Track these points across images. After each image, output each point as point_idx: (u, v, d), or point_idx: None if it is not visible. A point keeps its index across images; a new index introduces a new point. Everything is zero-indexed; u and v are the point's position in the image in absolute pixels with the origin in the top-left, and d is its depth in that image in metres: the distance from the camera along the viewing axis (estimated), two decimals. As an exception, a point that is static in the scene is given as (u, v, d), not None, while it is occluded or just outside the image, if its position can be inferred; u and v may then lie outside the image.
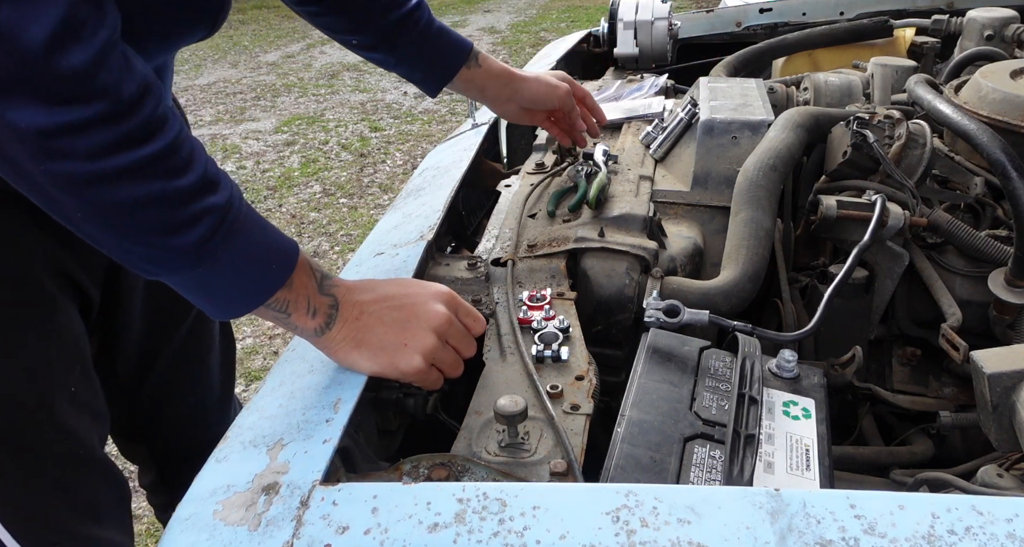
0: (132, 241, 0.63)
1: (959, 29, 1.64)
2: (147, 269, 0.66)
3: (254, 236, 0.68)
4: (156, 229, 0.62)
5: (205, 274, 0.66)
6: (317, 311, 0.72)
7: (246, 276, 0.68)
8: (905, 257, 1.05)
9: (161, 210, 0.62)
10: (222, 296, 0.69)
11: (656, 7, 1.90)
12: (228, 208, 0.65)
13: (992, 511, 0.51)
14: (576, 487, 0.60)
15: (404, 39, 1.09)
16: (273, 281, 0.69)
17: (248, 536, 0.58)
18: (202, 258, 0.64)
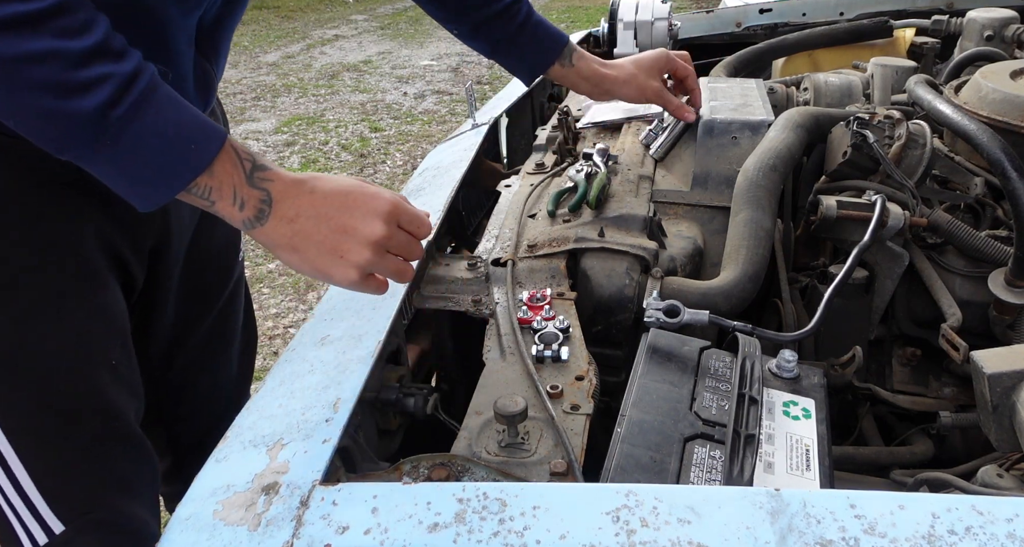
0: (23, 102, 0.61)
1: (959, 29, 1.64)
2: (50, 140, 0.63)
3: (167, 113, 0.64)
4: (48, 89, 0.60)
5: (113, 150, 0.63)
6: (245, 204, 0.69)
7: (159, 155, 0.64)
8: (905, 257, 1.05)
9: (51, 68, 0.60)
10: (137, 179, 0.65)
11: (656, 7, 1.90)
12: (134, 77, 0.62)
13: (992, 511, 0.51)
14: (576, 487, 0.60)
15: (500, 32, 1.14)
16: (191, 163, 0.65)
17: (248, 536, 0.58)
18: (105, 129, 0.62)
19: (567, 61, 1.19)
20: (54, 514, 0.92)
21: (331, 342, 0.84)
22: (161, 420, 1.29)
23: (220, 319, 1.24)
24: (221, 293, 1.23)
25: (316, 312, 0.95)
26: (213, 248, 1.17)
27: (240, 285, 1.29)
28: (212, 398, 1.30)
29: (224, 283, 1.23)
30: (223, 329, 1.26)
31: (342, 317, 0.89)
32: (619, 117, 1.44)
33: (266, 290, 3.19)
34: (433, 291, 0.98)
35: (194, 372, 1.24)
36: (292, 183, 0.71)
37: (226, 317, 1.25)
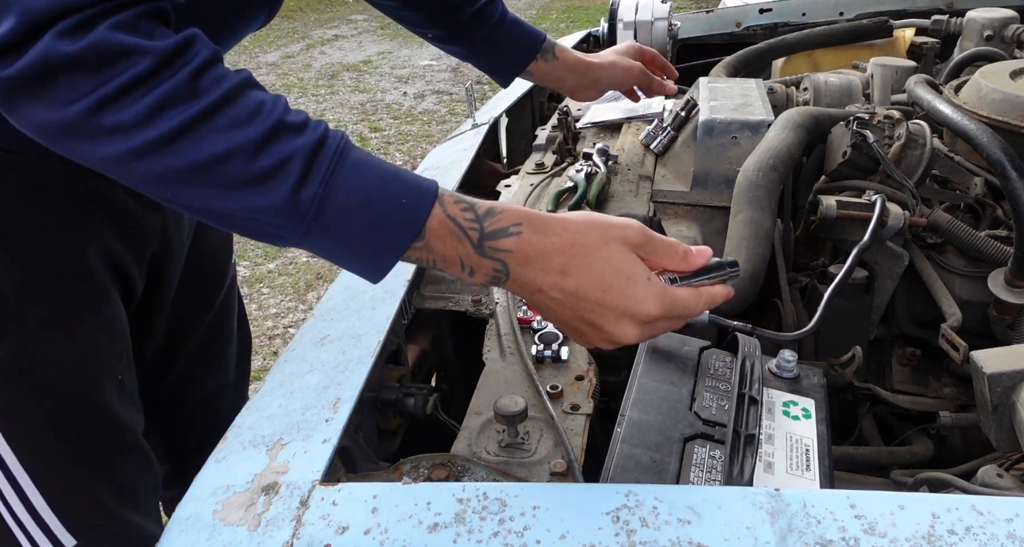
0: (222, 206, 0.57)
1: (959, 29, 1.64)
2: (258, 234, 0.59)
3: (363, 177, 0.58)
4: (234, 187, 0.55)
5: (321, 230, 0.57)
6: (476, 272, 0.61)
7: (370, 224, 0.58)
8: (905, 257, 1.05)
9: (232, 166, 0.55)
10: (357, 253, 0.59)
11: (656, 7, 1.89)
12: (317, 150, 0.56)
13: (992, 511, 0.51)
14: (576, 487, 0.60)
15: (477, 34, 1.14)
16: (406, 226, 0.58)
17: (248, 536, 0.58)
18: (303, 212, 0.56)
19: (550, 56, 1.19)
20: (66, 528, 0.93)
21: (331, 342, 0.84)
22: (159, 425, 1.29)
23: (216, 322, 1.24)
24: (217, 295, 1.22)
25: (316, 312, 0.95)
26: (207, 250, 1.18)
27: (234, 287, 1.29)
28: (210, 402, 1.30)
29: (219, 285, 1.23)
30: (219, 332, 1.26)
31: (342, 317, 0.89)
32: (619, 117, 1.44)
33: (266, 290, 3.19)
34: (433, 291, 0.98)
35: (192, 376, 1.24)
36: (537, 255, 0.60)
37: (222, 320, 1.25)
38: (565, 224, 0.62)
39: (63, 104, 0.53)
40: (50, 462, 0.91)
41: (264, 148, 0.55)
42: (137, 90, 0.53)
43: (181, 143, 0.54)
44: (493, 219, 0.60)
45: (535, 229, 0.61)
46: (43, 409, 0.89)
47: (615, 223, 0.63)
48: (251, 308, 3.03)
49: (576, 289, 0.60)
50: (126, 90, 0.53)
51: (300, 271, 3.32)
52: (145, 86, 0.53)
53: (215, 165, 0.55)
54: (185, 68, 0.54)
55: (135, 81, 0.53)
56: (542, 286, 0.61)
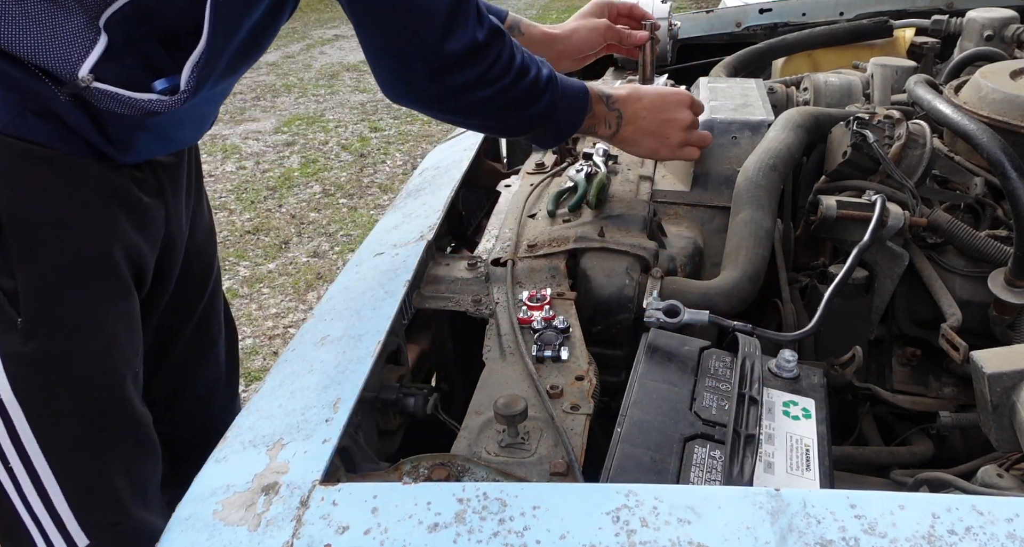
0: (515, 119, 0.98)
1: (959, 29, 1.64)
2: (520, 133, 1.03)
3: (567, 90, 0.99)
4: (529, 104, 0.96)
5: (551, 124, 0.99)
6: (611, 124, 1.06)
7: (571, 115, 1.01)
8: (905, 257, 1.05)
9: (524, 97, 0.95)
10: (560, 133, 1.03)
11: (656, 7, 1.89)
12: (552, 75, 0.97)
13: (992, 511, 0.51)
14: (576, 487, 0.60)
15: None
16: (583, 113, 1.02)
17: (248, 536, 0.58)
18: (552, 112, 0.98)
19: (517, 31, 1.25)
20: (80, 527, 0.92)
21: (331, 342, 0.84)
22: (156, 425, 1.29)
23: (204, 317, 1.23)
24: (205, 290, 1.22)
25: (316, 312, 0.95)
26: (195, 245, 1.18)
27: (219, 282, 1.29)
28: (204, 398, 1.30)
29: (207, 279, 1.23)
30: (208, 327, 1.26)
31: (342, 317, 0.89)
32: (619, 117, 1.44)
33: (266, 290, 3.19)
34: (433, 291, 0.98)
35: (185, 372, 1.24)
36: (630, 100, 1.07)
37: (210, 315, 1.25)
38: (638, 88, 1.10)
39: (475, 67, 0.90)
40: (73, 455, 0.92)
41: (536, 80, 0.95)
42: (502, 53, 0.92)
43: (510, 85, 0.93)
44: (607, 88, 1.07)
45: (628, 92, 1.08)
46: (70, 402, 0.90)
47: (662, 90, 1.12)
48: (251, 308, 3.03)
49: (651, 100, 1.08)
50: (500, 53, 0.91)
51: (300, 271, 3.32)
52: (502, 49, 0.92)
53: (523, 97, 0.95)
54: (506, 39, 0.93)
55: (502, 47, 0.91)
56: (636, 114, 1.07)
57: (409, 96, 0.94)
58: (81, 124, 0.85)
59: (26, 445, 0.88)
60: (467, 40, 0.87)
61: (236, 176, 4.36)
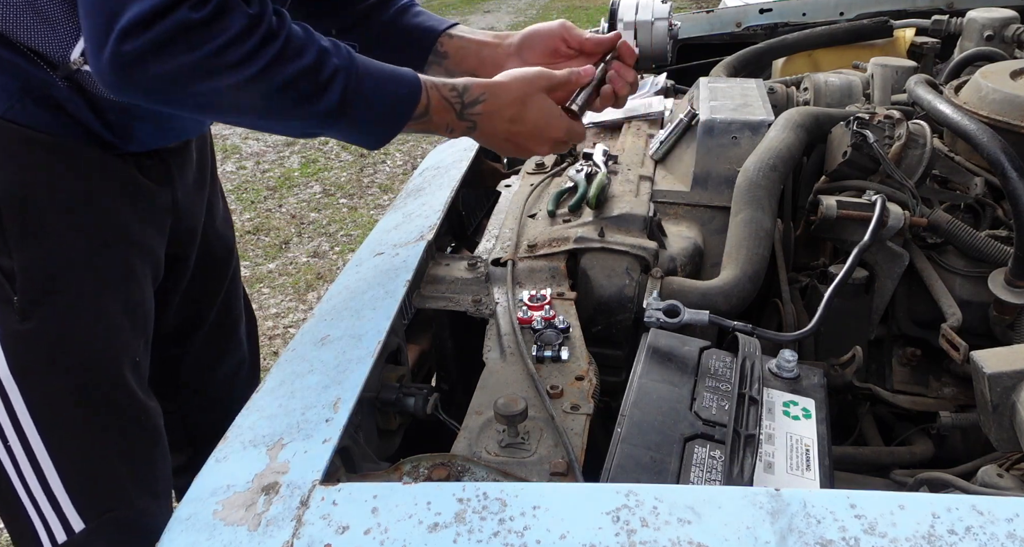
0: (290, 118, 0.80)
1: (959, 29, 1.64)
2: (302, 132, 0.84)
3: (374, 74, 0.81)
4: (304, 101, 0.77)
5: (350, 119, 0.80)
6: (455, 129, 0.89)
7: (381, 118, 0.83)
8: (905, 257, 1.05)
9: (300, 85, 0.76)
10: (370, 131, 0.84)
11: (656, 7, 1.89)
12: (350, 60, 0.79)
13: (992, 511, 0.51)
14: (576, 487, 0.60)
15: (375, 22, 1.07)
16: (401, 118, 0.84)
17: (248, 536, 0.58)
18: (344, 109, 0.78)
19: (445, 36, 1.09)
20: (76, 510, 0.93)
21: (331, 342, 0.84)
22: (182, 413, 1.29)
23: (226, 302, 1.24)
24: (225, 275, 1.23)
25: (316, 312, 0.95)
26: (214, 230, 1.18)
27: (239, 269, 1.30)
28: (227, 385, 1.30)
29: (227, 264, 1.24)
30: (229, 312, 1.26)
31: (342, 317, 0.89)
32: (619, 117, 1.44)
33: (266, 290, 3.19)
34: (433, 291, 0.98)
35: (208, 358, 1.25)
36: (495, 112, 0.89)
37: (231, 300, 1.26)
38: (507, 85, 0.90)
39: (189, 52, 0.70)
40: (71, 439, 0.92)
41: (320, 67, 0.76)
42: (244, 37, 0.72)
43: (270, 70, 0.74)
44: (468, 94, 0.87)
45: (494, 94, 0.88)
46: (67, 383, 0.90)
47: (530, 76, 0.92)
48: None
49: (520, 130, 0.91)
50: (238, 37, 0.72)
51: (300, 271, 3.32)
52: (248, 33, 0.72)
53: (291, 84, 0.75)
54: (263, 21, 0.74)
55: (241, 31, 0.72)
56: (500, 133, 0.91)
57: (113, 83, 0.72)
58: (79, 110, 0.86)
59: (23, 425, 0.89)
60: (159, 8, 0.67)
61: (236, 176, 4.36)
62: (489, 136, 0.91)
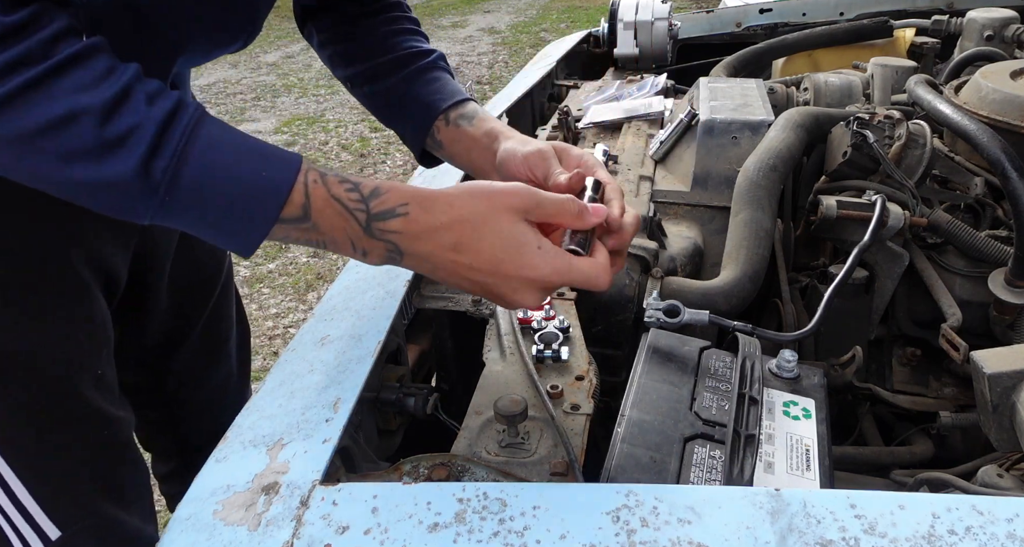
0: (58, 176, 0.54)
1: (959, 29, 1.64)
2: (105, 208, 0.57)
3: (220, 151, 0.56)
4: (78, 156, 0.53)
5: (177, 204, 0.55)
6: (369, 253, 0.62)
7: (230, 199, 0.56)
8: (905, 257, 1.05)
9: (76, 132, 0.53)
10: (220, 227, 0.58)
11: (656, 7, 1.90)
12: (170, 119, 0.54)
13: (992, 511, 0.51)
14: (576, 487, 0.60)
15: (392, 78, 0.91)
16: (269, 204, 0.57)
17: (248, 536, 0.58)
18: (155, 185, 0.54)
19: (465, 120, 0.87)
20: (50, 520, 0.92)
21: (331, 342, 0.84)
22: (169, 423, 1.29)
23: (215, 314, 1.23)
24: (215, 286, 1.22)
25: (316, 312, 0.95)
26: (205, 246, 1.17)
27: (231, 278, 1.29)
28: (216, 396, 1.30)
29: (216, 275, 1.23)
30: (219, 323, 1.25)
31: (342, 317, 0.89)
32: (619, 117, 1.44)
33: (266, 290, 3.19)
34: (433, 291, 0.98)
35: (196, 370, 1.24)
36: (426, 233, 0.60)
37: (221, 311, 1.25)
38: (451, 200, 0.62)
39: None
40: (31, 454, 0.91)
41: (113, 113, 0.53)
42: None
43: (24, 103, 0.52)
44: (379, 200, 0.60)
45: (422, 208, 0.61)
46: (23, 400, 0.89)
47: (500, 191, 0.62)
48: (251, 308, 3.03)
49: (471, 263, 0.61)
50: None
51: (300, 271, 3.32)
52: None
53: (59, 128, 0.52)
54: (34, 36, 0.52)
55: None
56: (436, 263, 0.62)
57: None
58: None
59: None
60: None
61: (236, 176, 4.36)
62: (428, 269, 0.63)
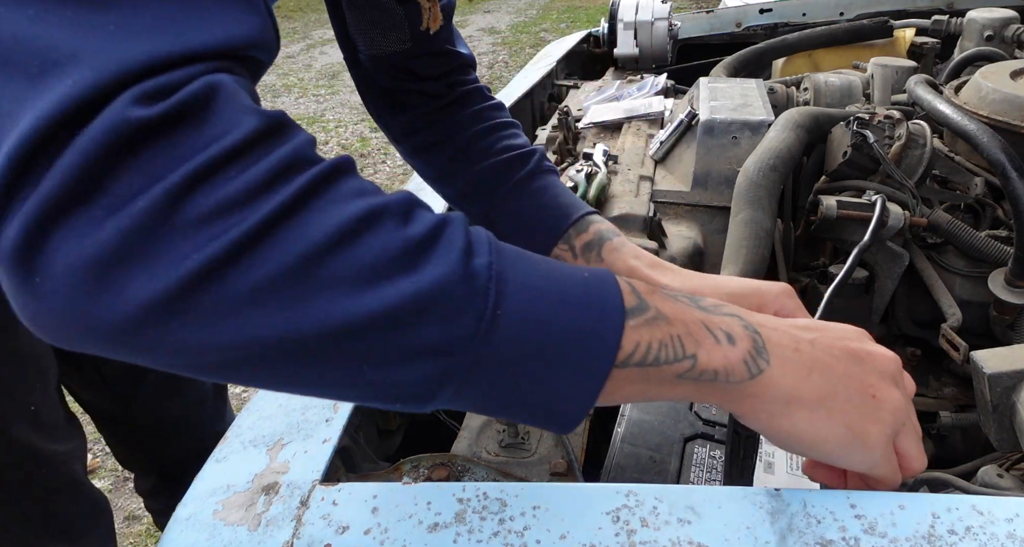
0: (357, 306, 0.36)
1: (959, 30, 1.64)
2: (431, 342, 0.38)
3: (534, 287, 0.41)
4: (387, 264, 0.37)
5: (495, 372, 0.40)
6: (733, 335, 0.46)
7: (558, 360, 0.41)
8: (905, 257, 1.05)
9: (377, 232, 0.37)
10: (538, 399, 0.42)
11: (656, 8, 1.90)
12: (496, 253, 0.40)
13: (992, 511, 0.51)
14: (576, 487, 0.60)
15: (500, 190, 0.79)
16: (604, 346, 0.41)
17: (248, 536, 0.58)
18: (485, 290, 0.39)
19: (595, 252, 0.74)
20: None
21: (331, 342, 0.84)
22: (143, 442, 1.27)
23: None
24: None
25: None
26: None
27: None
28: (191, 411, 1.27)
29: None
30: None
31: (342, 317, 0.89)
32: (619, 117, 1.44)
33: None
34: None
35: (165, 393, 1.21)
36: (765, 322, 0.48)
37: None
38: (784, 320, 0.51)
39: (137, 192, 0.32)
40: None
41: (408, 209, 0.39)
42: (243, 158, 0.35)
43: (306, 212, 0.35)
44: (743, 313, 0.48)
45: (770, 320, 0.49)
46: None
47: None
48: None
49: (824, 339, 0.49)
50: (228, 159, 0.34)
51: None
52: (255, 151, 0.35)
53: (357, 235, 0.36)
54: (299, 134, 0.39)
55: (241, 146, 0.35)
56: (796, 339, 0.48)
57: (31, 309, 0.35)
58: None
59: None
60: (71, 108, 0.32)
61: (236, 176, 4.36)
62: (797, 355, 0.47)
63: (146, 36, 0.34)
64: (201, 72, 0.36)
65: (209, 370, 0.36)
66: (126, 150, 0.33)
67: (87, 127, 0.32)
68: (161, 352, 0.35)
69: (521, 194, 0.79)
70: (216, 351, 0.35)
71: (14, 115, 0.32)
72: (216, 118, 0.35)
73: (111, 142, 0.32)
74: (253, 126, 0.36)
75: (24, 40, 0.33)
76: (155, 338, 0.34)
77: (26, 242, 0.32)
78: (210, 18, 0.37)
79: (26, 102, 0.32)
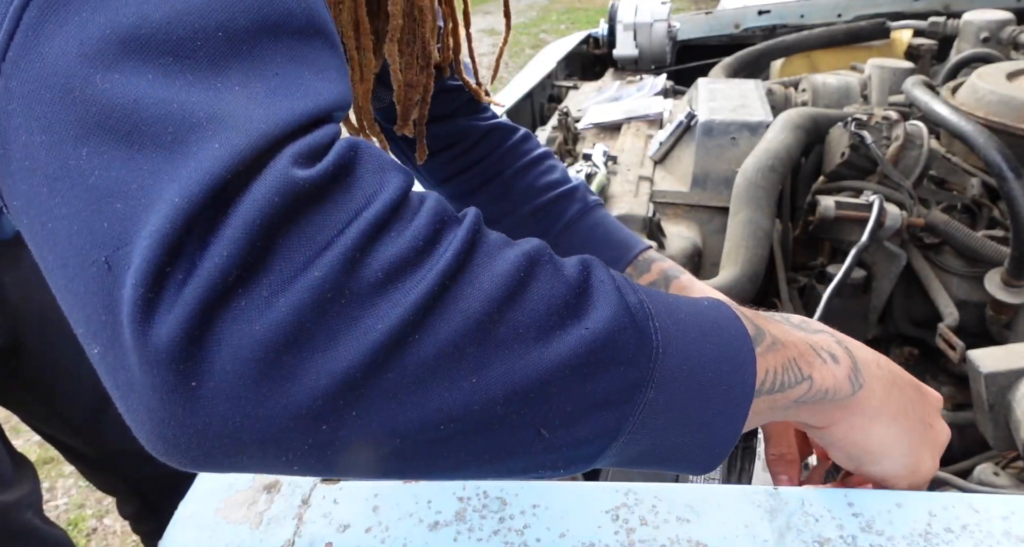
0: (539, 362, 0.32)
1: (955, 31, 1.65)
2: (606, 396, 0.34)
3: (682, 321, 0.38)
4: (558, 312, 0.33)
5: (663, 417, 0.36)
6: (835, 354, 0.46)
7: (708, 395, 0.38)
8: (902, 257, 1.05)
9: (542, 279, 0.34)
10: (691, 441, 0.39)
11: (655, 9, 1.90)
12: (642, 292, 0.37)
13: (988, 509, 0.52)
14: (576, 485, 0.60)
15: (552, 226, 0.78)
16: (744, 396, 0.39)
17: (250, 534, 0.58)
18: (645, 327, 0.35)
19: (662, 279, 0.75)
20: None
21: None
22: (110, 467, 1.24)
23: None
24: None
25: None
26: None
27: None
28: None
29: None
30: None
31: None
32: (618, 118, 1.44)
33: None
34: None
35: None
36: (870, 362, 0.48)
37: None
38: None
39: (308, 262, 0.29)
40: None
41: (548, 251, 0.36)
42: (401, 216, 0.32)
43: (471, 266, 0.32)
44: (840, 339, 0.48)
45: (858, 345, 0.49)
46: None
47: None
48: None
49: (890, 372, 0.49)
50: (389, 218, 0.31)
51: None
52: (409, 207, 0.33)
53: (523, 285, 0.33)
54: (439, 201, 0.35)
55: (398, 202, 0.32)
56: (876, 362, 0.48)
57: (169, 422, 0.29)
58: None
59: None
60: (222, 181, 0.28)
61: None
62: (881, 380, 0.48)
63: (281, 95, 0.31)
64: (337, 131, 0.33)
65: (380, 464, 0.31)
66: (292, 215, 0.29)
67: (247, 193, 0.28)
68: (331, 451, 0.30)
69: (572, 234, 0.78)
70: (394, 437, 0.30)
71: (151, 190, 0.28)
72: (363, 176, 0.32)
73: (277, 205, 0.28)
74: (400, 181, 0.33)
75: (149, 106, 0.29)
76: (326, 436, 0.29)
77: (188, 337, 0.27)
78: (326, 76, 0.34)
79: (164, 174, 0.28)
